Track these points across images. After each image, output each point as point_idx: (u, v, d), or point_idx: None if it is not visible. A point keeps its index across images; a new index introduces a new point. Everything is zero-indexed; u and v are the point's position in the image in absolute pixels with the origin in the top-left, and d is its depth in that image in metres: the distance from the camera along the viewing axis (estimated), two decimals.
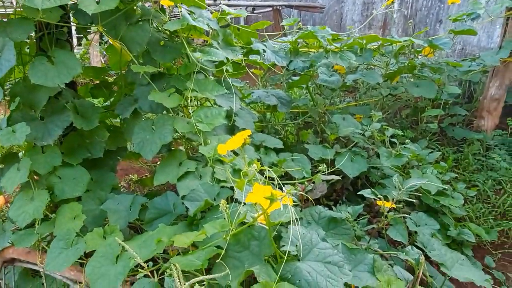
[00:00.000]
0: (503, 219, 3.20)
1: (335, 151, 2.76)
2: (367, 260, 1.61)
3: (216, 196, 1.79)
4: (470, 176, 3.71)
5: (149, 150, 1.94)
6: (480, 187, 3.48)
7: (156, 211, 1.88)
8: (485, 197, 3.44)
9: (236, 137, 1.36)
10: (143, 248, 1.53)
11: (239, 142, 1.31)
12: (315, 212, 1.94)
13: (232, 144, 1.31)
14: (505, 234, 3.11)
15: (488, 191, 3.41)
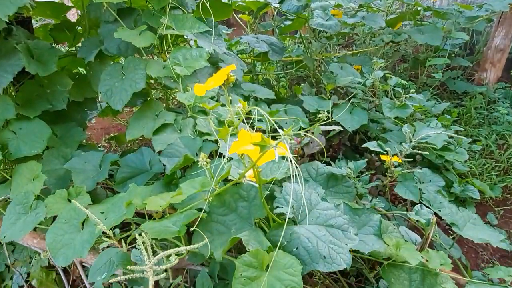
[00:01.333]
0: (507, 175, 3.04)
1: (333, 102, 2.50)
2: (372, 221, 1.40)
3: (197, 151, 1.53)
4: (472, 130, 3.52)
5: (119, 100, 1.65)
6: (483, 141, 3.29)
7: (129, 170, 1.63)
8: (488, 152, 3.26)
9: (218, 73, 1.08)
10: (112, 212, 1.29)
11: (221, 79, 1.03)
12: (312, 168, 1.71)
13: (213, 82, 1.03)
14: (508, 190, 2.96)
15: (491, 145, 3.23)
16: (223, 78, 1.02)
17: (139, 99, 1.96)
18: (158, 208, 1.20)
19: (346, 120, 2.39)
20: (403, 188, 1.52)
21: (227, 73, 1.04)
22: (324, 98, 2.53)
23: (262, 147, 0.77)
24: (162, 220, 1.20)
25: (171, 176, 1.48)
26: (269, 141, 0.77)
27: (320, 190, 1.44)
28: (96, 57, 1.80)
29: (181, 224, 1.10)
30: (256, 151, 0.81)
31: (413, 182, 1.52)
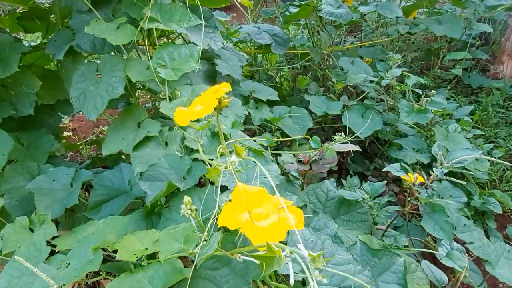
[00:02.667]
0: None
1: (342, 103, 2.22)
2: (395, 266, 1.15)
3: (185, 173, 1.27)
4: (489, 131, 3.25)
5: (93, 108, 1.38)
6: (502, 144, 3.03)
7: (105, 192, 1.37)
8: (507, 156, 3.01)
9: (207, 95, 0.81)
10: (76, 256, 1.04)
11: (211, 104, 0.76)
12: (322, 191, 1.45)
13: (201, 108, 0.77)
14: None
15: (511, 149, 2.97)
16: (214, 102, 0.76)
17: (121, 101, 1.69)
18: (132, 258, 0.95)
19: (358, 125, 2.13)
20: (431, 222, 1.27)
21: (219, 96, 0.77)
22: (332, 99, 2.25)
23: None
24: (137, 272, 0.95)
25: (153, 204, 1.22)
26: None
27: (332, 226, 1.20)
28: (68, 53, 1.52)
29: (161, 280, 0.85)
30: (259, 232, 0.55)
31: (444, 216, 1.27)
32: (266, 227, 0.58)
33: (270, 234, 0.56)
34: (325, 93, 2.42)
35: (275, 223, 0.59)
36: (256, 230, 0.56)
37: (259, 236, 0.55)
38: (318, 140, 1.32)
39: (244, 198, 0.60)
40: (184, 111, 0.81)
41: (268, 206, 0.65)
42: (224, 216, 0.60)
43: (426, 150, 2.22)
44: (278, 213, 0.62)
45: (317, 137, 1.33)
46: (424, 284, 1.27)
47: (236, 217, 0.60)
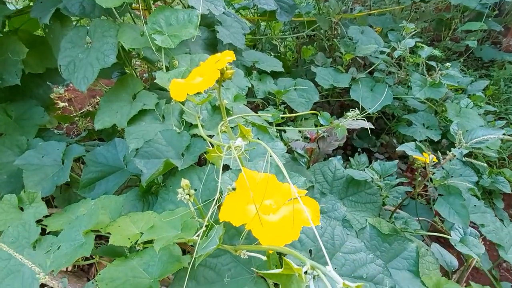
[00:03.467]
0: None
1: (351, 76, 2.10)
2: (407, 251, 1.09)
3: (184, 150, 1.18)
4: (500, 107, 3.13)
5: (83, 78, 1.27)
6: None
7: (98, 168, 1.29)
8: None
9: (208, 65, 0.70)
10: (67, 239, 0.97)
11: (212, 75, 0.66)
12: (329, 170, 1.37)
13: (201, 80, 0.66)
14: None
15: None
16: (215, 74, 0.65)
17: (115, 71, 1.57)
18: (126, 243, 0.88)
19: (366, 99, 2.02)
20: (446, 206, 1.20)
21: (221, 66, 0.66)
22: (340, 71, 2.12)
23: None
24: (131, 258, 0.88)
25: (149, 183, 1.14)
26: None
27: (341, 208, 1.12)
28: (56, 17, 1.38)
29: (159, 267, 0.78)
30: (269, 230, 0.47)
31: (460, 199, 1.19)
32: (276, 223, 0.49)
33: (282, 233, 0.48)
34: (332, 64, 2.28)
35: (286, 218, 0.50)
36: (265, 229, 0.47)
37: (268, 236, 0.47)
38: (328, 116, 1.22)
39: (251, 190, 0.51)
40: (180, 83, 0.70)
41: (277, 196, 0.56)
42: (227, 209, 0.51)
43: (436, 127, 2.12)
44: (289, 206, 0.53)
45: (327, 112, 1.23)
46: (435, 269, 1.21)
47: (241, 211, 0.51)
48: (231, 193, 0.54)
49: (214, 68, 0.67)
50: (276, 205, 0.54)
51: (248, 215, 0.49)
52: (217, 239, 0.56)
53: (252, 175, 0.58)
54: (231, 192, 0.54)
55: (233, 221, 0.49)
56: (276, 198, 0.56)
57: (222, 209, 0.52)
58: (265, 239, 0.46)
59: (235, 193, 0.54)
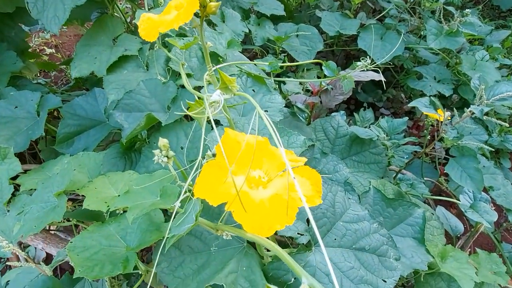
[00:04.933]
0: None
1: (359, 22, 1.90)
2: (412, 217, 1.00)
3: (170, 103, 1.05)
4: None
5: (53, 17, 1.10)
6: None
7: (76, 122, 1.16)
8: None
9: None
10: (38, 201, 0.87)
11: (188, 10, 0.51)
12: (331, 126, 1.25)
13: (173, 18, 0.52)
14: None
15: None
16: (193, 6, 0.50)
17: (94, 10, 1.39)
18: (102, 207, 0.78)
19: (375, 49, 1.84)
20: (458, 169, 1.09)
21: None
22: (348, 16, 1.92)
23: None
24: (108, 224, 0.79)
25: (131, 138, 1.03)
26: None
27: (343, 169, 1.01)
28: None
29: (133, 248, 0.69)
30: None
31: (474, 162, 1.08)
32: (265, 203, 0.38)
33: (272, 217, 0.36)
34: (339, 9, 2.07)
35: (279, 196, 0.39)
36: (250, 212, 0.36)
37: (254, 222, 0.35)
38: (334, 67, 1.07)
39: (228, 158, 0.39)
40: (152, 19, 0.56)
41: (270, 165, 0.45)
42: (203, 182, 0.40)
43: (449, 81, 1.96)
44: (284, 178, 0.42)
45: (333, 62, 1.08)
46: (439, 234, 1.14)
47: (220, 186, 0.39)
48: (210, 161, 0.42)
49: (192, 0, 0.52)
50: (267, 176, 0.42)
51: (229, 192, 0.38)
52: (194, 216, 0.46)
53: (237, 138, 0.46)
54: (209, 161, 0.42)
55: (209, 199, 0.38)
56: (267, 168, 0.44)
57: (197, 183, 0.40)
58: (250, 226, 0.35)
59: (215, 161, 0.42)
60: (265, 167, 0.44)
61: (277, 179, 0.43)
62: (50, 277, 0.79)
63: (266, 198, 0.39)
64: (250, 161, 0.43)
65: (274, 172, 0.44)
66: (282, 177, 0.43)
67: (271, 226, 0.36)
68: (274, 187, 0.41)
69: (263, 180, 0.42)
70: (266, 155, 0.46)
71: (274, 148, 0.48)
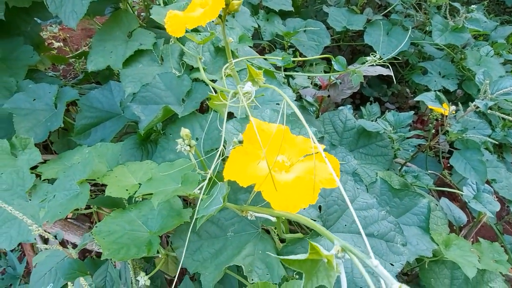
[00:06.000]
0: None
1: (366, 17, 1.93)
2: (418, 207, 1.04)
3: (185, 96, 1.09)
4: None
5: (71, 12, 1.13)
6: None
7: (93, 114, 1.21)
8: None
9: None
10: (61, 189, 0.92)
11: (214, 8, 0.55)
12: (339, 119, 1.29)
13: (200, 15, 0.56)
14: None
15: None
16: (219, 4, 0.54)
17: (108, 6, 1.42)
18: (123, 194, 0.83)
19: (382, 44, 1.87)
20: (462, 161, 1.13)
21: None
22: (355, 12, 1.95)
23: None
24: (130, 210, 0.84)
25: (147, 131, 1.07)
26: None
27: (351, 160, 1.05)
28: None
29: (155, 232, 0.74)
30: None
31: (478, 155, 1.12)
32: (290, 184, 0.42)
33: (297, 196, 0.41)
34: (345, 5, 2.09)
35: (301, 178, 0.43)
36: (278, 191, 0.40)
37: (282, 200, 0.40)
38: (343, 62, 1.10)
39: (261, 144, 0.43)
40: (178, 16, 0.59)
41: (291, 151, 0.49)
42: (232, 166, 0.44)
43: (454, 76, 1.99)
44: (305, 163, 0.46)
45: (342, 57, 1.11)
46: (443, 224, 1.18)
47: (249, 169, 0.43)
48: (237, 148, 0.46)
49: None
50: (289, 161, 0.46)
51: (257, 174, 0.42)
52: (221, 198, 0.50)
53: (261, 126, 0.50)
54: (237, 146, 0.46)
55: (239, 181, 0.42)
56: (289, 154, 0.48)
57: (227, 166, 0.44)
58: (278, 204, 0.39)
59: (242, 147, 0.46)
60: (287, 153, 0.48)
61: (298, 164, 0.47)
62: (76, 260, 0.84)
63: (290, 180, 0.43)
64: (276, 147, 0.47)
65: (295, 158, 0.48)
66: (303, 162, 0.47)
67: (296, 204, 0.40)
68: (296, 171, 0.45)
69: (286, 164, 0.46)
70: (288, 142, 0.50)
71: (294, 136, 0.52)
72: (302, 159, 0.47)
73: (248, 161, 0.45)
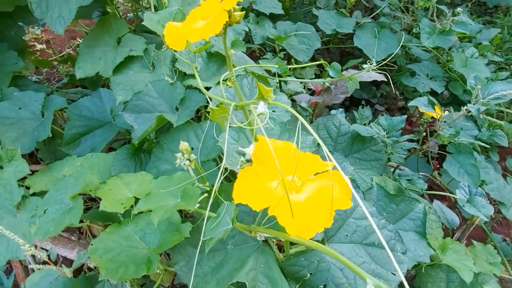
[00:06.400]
0: None
1: (355, 20, 1.93)
2: (414, 212, 1.05)
3: (178, 103, 1.06)
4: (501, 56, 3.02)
5: (58, 17, 1.10)
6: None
7: (82, 123, 1.17)
8: None
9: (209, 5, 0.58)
10: (53, 202, 0.88)
11: (217, 20, 0.53)
12: (333, 125, 1.28)
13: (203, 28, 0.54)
14: None
15: None
16: (222, 17, 0.52)
17: (95, 10, 1.38)
18: (119, 209, 0.80)
19: (370, 47, 1.88)
20: (455, 165, 1.14)
21: (230, 6, 0.53)
22: (344, 14, 1.95)
23: None
24: (125, 225, 0.81)
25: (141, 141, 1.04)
26: None
27: (348, 167, 1.05)
28: None
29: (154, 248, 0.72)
30: None
31: (470, 158, 1.13)
32: (303, 205, 0.41)
33: (312, 218, 0.39)
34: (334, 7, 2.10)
35: (315, 199, 0.42)
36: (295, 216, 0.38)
37: (298, 223, 0.38)
38: (338, 68, 1.10)
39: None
40: (178, 28, 0.57)
41: (300, 169, 0.47)
42: (243, 188, 0.42)
43: (441, 78, 2.02)
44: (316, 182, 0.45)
45: (337, 64, 1.11)
46: (437, 227, 1.19)
47: (260, 191, 0.42)
48: (246, 168, 0.45)
49: (220, 9, 0.54)
50: (300, 181, 0.45)
51: (271, 197, 0.41)
52: (229, 219, 0.48)
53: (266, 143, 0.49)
54: (245, 166, 0.45)
55: (252, 204, 0.40)
56: (298, 172, 0.47)
57: (236, 188, 0.43)
58: (294, 229, 0.38)
59: (251, 167, 0.45)
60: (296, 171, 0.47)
61: (309, 183, 0.46)
62: (70, 279, 0.81)
63: (303, 201, 0.42)
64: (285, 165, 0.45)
65: (304, 176, 0.47)
66: (313, 181, 0.46)
67: (312, 228, 0.39)
68: (308, 191, 0.44)
69: (298, 184, 0.45)
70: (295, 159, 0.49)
71: (301, 152, 0.51)
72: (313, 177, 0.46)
73: (259, 182, 0.43)
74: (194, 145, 0.98)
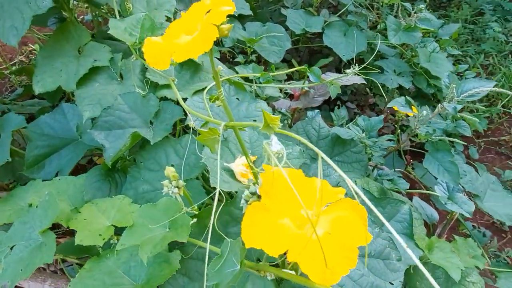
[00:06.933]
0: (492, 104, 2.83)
1: (323, 19, 1.93)
2: (400, 214, 1.05)
3: (153, 117, 0.99)
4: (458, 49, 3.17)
5: (10, 28, 0.98)
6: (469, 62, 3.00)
7: (45, 143, 1.06)
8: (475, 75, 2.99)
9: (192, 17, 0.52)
10: (19, 238, 0.78)
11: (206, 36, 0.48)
12: (313, 128, 1.26)
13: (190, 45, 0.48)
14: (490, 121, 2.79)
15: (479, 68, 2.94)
16: (211, 32, 0.47)
17: (51, 17, 1.26)
18: (98, 241, 0.72)
19: (340, 45, 1.88)
20: (435, 163, 1.16)
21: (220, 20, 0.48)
22: (312, 13, 1.94)
23: None
24: (105, 257, 0.74)
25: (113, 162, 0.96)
26: None
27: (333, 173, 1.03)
28: None
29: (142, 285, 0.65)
30: None
31: (449, 156, 1.15)
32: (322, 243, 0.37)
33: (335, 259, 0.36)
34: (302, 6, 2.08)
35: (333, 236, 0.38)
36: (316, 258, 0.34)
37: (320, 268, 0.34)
38: (319, 73, 1.07)
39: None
40: (159, 44, 0.51)
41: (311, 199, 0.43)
42: (253, 228, 0.37)
43: (408, 73, 2.07)
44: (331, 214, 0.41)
45: (318, 68, 1.08)
46: (420, 225, 1.20)
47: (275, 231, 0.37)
48: (254, 204, 0.40)
49: (207, 23, 0.49)
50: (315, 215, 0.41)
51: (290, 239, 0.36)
52: (236, 262, 0.43)
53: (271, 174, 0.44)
54: (254, 203, 0.40)
55: (269, 250, 0.36)
56: (309, 204, 0.43)
57: (245, 229, 0.38)
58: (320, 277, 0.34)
59: (260, 203, 0.40)
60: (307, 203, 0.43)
61: (323, 216, 0.42)
62: None
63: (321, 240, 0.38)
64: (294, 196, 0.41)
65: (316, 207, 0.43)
66: (327, 213, 0.42)
67: (335, 271, 0.35)
68: (324, 226, 0.40)
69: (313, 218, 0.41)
70: (304, 188, 0.45)
71: (308, 178, 0.47)
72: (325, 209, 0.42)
73: (271, 221, 0.39)
74: (174, 162, 0.91)
